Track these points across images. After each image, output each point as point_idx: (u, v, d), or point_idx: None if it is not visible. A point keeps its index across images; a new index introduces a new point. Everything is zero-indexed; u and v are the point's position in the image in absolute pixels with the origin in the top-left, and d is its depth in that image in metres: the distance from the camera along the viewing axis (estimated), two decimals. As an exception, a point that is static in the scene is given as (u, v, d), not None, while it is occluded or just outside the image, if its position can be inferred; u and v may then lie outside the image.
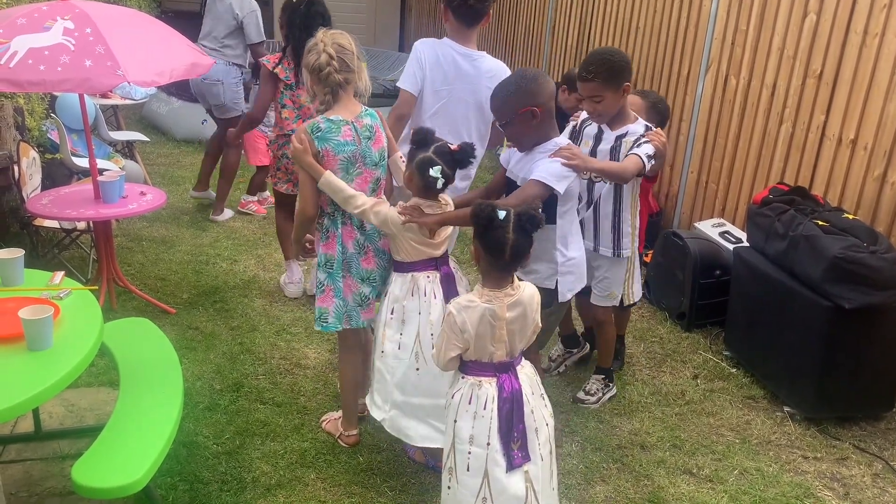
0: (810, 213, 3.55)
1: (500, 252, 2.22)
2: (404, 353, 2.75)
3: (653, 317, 4.45)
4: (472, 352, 2.30)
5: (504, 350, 2.30)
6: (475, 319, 2.25)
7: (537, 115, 2.71)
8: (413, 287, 2.76)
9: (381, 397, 2.83)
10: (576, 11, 6.79)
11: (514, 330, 2.30)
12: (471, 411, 2.29)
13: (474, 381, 2.31)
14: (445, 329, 2.30)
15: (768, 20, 4.41)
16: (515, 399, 2.30)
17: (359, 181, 2.81)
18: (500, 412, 2.28)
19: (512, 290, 2.29)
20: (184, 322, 4.00)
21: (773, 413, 3.55)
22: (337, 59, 2.69)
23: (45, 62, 3.11)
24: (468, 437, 2.30)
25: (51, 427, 3.09)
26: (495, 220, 2.21)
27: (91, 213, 3.79)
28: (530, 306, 2.32)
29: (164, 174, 6.41)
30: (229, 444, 3.07)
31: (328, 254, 2.85)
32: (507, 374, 2.32)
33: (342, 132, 2.75)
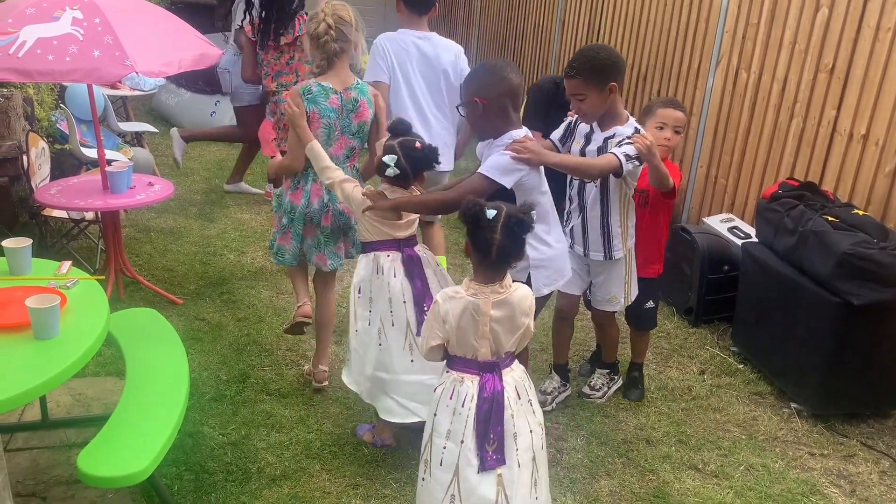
0: (820, 209, 3.52)
1: (486, 251, 2.19)
2: (373, 329, 2.88)
3: (660, 312, 4.40)
4: (455, 345, 2.27)
5: (488, 348, 2.25)
6: (458, 311, 2.22)
7: (479, 107, 2.68)
8: (375, 266, 2.87)
9: (357, 371, 2.98)
10: (586, 5, 6.76)
11: (500, 330, 2.25)
12: (451, 406, 2.26)
13: (457, 377, 2.28)
14: (430, 317, 2.29)
15: (780, 14, 4.37)
16: (496, 400, 2.24)
17: (335, 146, 3.08)
18: (478, 411, 2.24)
19: (500, 289, 2.25)
20: (191, 313, 4.01)
21: (780, 409, 3.53)
22: (335, 28, 2.94)
23: (54, 52, 3.12)
24: (445, 432, 2.27)
25: (58, 416, 3.10)
26: (482, 219, 2.17)
27: (99, 204, 3.80)
28: (520, 308, 2.26)
29: (172, 165, 6.41)
30: (235, 434, 3.07)
31: (293, 203, 3.13)
32: (492, 375, 2.27)
33: (329, 99, 3.02)
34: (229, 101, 7.25)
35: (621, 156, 2.86)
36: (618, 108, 3.00)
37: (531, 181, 2.72)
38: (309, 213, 3.13)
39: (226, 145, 7.06)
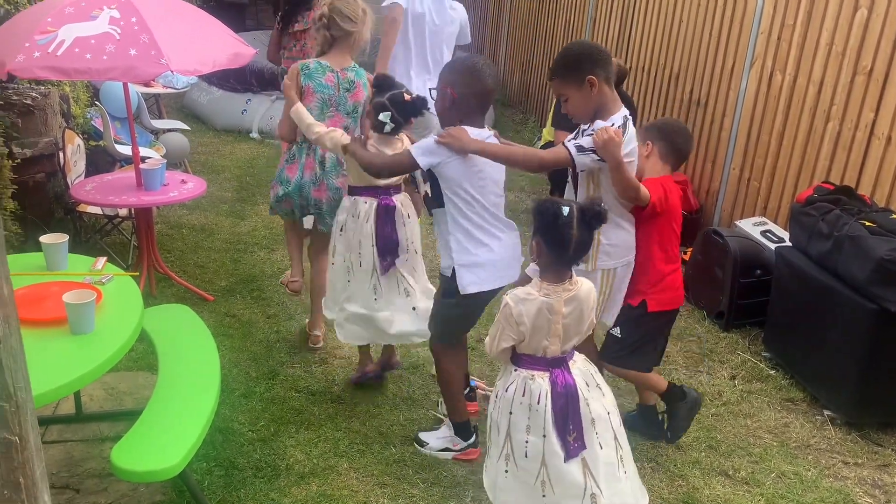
0: (856, 214, 3.46)
1: (563, 248, 2.24)
2: (344, 265, 3.20)
3: (691, 315, 4.39)
4: (527, 345, 2.32)
5: (558, 345, 2.32)
6: (532, 312, 2.27)
7: (448, 97, 2.73)
8: (354, 209, 3.14)
9: (332, 300, 3.31)
10: (617, 4, 6.71)
11: (570, 325, 2.31)
12: (525, 403, 2.32)
13: (527, 375, 2.33)
14: (501, 320, 2.32)
15: (817, 15, 4.31)
16: (570, 394, 2.31)
17: (330, 123, 3.26)
18: (554, 406, 2.30)
19: (570, 285, 2.31)
20: (221, 309, 4.05)
21: (812, 416, 3.48)
22: (329, 17, 3.25)
23: (92, 51, 3.16)
24: (525, 427, 2.33)
25: (91, 409, 3.15)
26: (560, 217, 2.22)
27: (133, 200, 3.85)
28: (586, 303, 2.34)
29: (204, 163, 6.48)
30: (264, 431, 3.10)
31: (288, 175, 3.43)
32: (560, 370, 2.33)
33: (326, 76, 3.29)
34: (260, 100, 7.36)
35: (572, 147, 2.66)
36: (606, 101, 2.73)
37: (452, 171, 2.68)
38: (300, 185, 3.41)
39: (257, 143, 7.12)
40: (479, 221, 2.76)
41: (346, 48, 3.34)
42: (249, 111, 7.42)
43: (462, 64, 2.80)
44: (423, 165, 2.69)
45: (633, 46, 6.41)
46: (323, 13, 3.26)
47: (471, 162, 2.68)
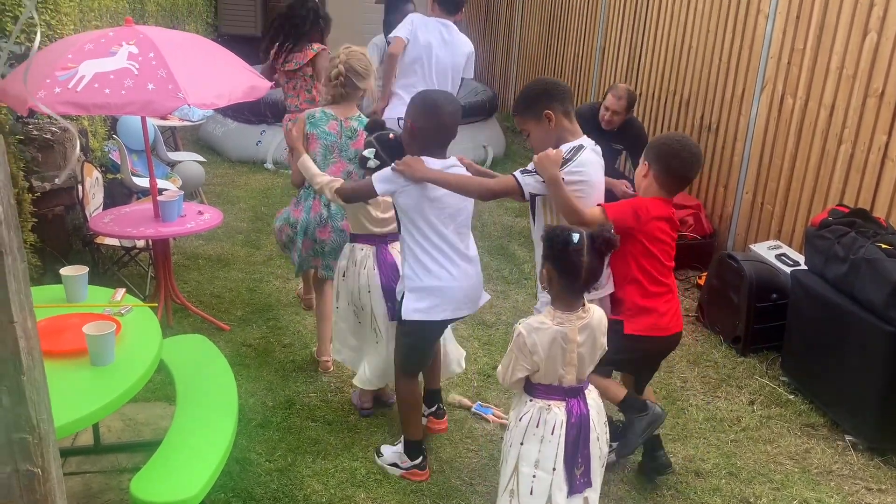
0: (872, 236, 3.45)
1: (574, 275, 2.24)
2: (350, 308, 3.32)
3: (707, 340, 4.37)
4: (542, 375, 2.30)
5: (574, 374, 2.30)
6: (546, 342, 2.25)
7: (407, 129, 2.86)
8: (353, 255, 3.27)
9: (340, 343, 3.43)
10: (626, 34, 6.76)
11: (584, 353, 2.30)
12: (538, 435, 2.29)
13: (543, 405, 2.31)
14: (514, 350, 2.30)
15: (826, 40, 4.33)
16: (583, 424, 2.29)
17: (333, 169, 3.41)
18: (567, 437, 2.27)
19: (583, 313, 2.30)
20: (237, 339, 4.06)
21: (833, 442, 3.44)
22: (345, 76, 3.38)
23: (111, 86, 3.21)
24: (534, 461, 2.30)
25: (109, 440, 3.16)
26: (571, 243, 2.22)
27: (151, 232, 3.89)
28: (599, 329, 2.33)
29: (219, 193, 6.54)
30: (281, 461, 3.09)
31: (295, 217, 3.60)
32: (577, 399, 2.31)
33: (329, 124, 3.44)
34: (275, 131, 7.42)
35: (518, 172, 2.73)
36: (564, 133, 2.77)
37: (407, 199, 2.77)
38: (305, 226, 3.55)
39: (271, 173, 7.19)
40: (432, 251, 2.82)
41: (354, 99, 3.50)
42: (264, 142, 7.50)
43: (422, 99, 2.88)
44: (380, 192, 2.82)
45: (642, 74, 6.45)
46: (339, 72, 3.36)
47: (427, 190, 2.76)
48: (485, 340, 4.20)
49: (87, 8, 5.23)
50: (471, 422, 3.45)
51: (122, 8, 6.22)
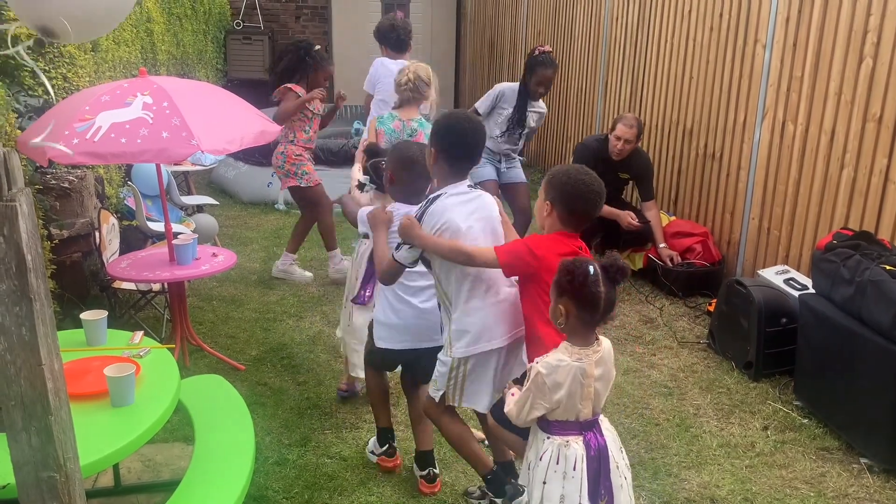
0: (877, 258, 3.49)
1: (594, 307, 2.21)
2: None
3: (719, 367, 4.38)
4: (561, 412, 2.27)
5: (590, 408, 2.28)
6: (567, 379, 2.23)
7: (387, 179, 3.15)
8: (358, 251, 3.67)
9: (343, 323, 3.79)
10: (628, 66, 6.88)
11: (599, 387, 2.28)
12: (559, 472, 2.26)
13: (561, 442, 2.28)
14: (532, 389, 2.26)
15: (823, 67, 4.41)
16: (602, 456, 2.28)
17: None
18: (588, 471, 2.25)
19: (598, 347, 2.29)
20: (253, 378, 4.12)
21: (849, 465, 3.44)
22: (412, 82, 4.20)
23: (126, 135, 3.33)
24: (559, 498, 2.27)
25: (129, 482, 3.20)
26: (589, 276, 2.20)
27: (167, 276, 3.98)
28: (610, 360, 2.33)
29: (232, 235, 6.65)
30: (298, 498, 3.13)
31: None
32: (592, 432, 2.30)
33: (394, 123, 4.23)
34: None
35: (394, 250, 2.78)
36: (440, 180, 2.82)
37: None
38: None
39: (282, 214, 7.30)
40: (405, 283, 3.02)
41: (416, 103, 4.27)
42: (274, 183, 7.62)
43: (397, 151, 3.15)
44: (360, 231, 3.18)
45: (645, 105, 6.55)
46: (409, 79, 4.18)
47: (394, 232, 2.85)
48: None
49: (102, 60, 5.40)
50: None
51: (135, 58, 6.40)
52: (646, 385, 4.15)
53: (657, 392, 4.09)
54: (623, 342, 4.67)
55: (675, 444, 3.60)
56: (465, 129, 2.75)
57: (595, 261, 2.27)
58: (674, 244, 5.44)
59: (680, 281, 5.28)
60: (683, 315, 5.09)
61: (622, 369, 4.21)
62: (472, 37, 11.99)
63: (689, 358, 4.48)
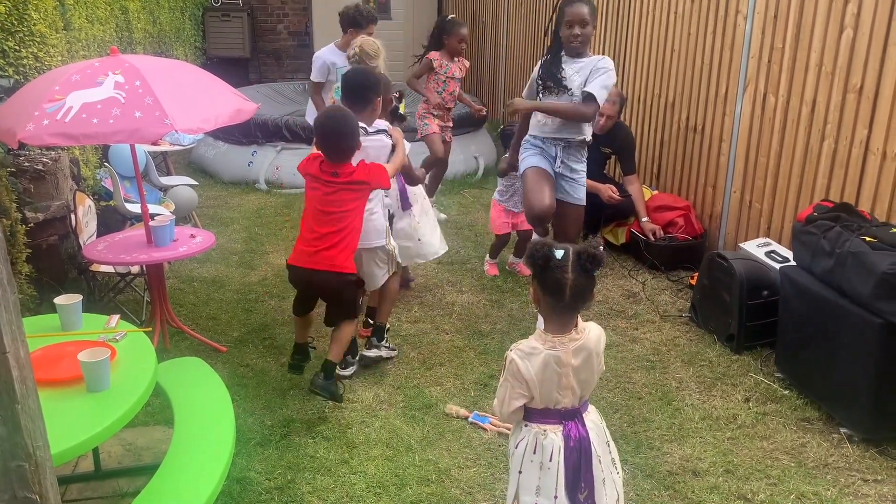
0: (857, 229, 3.49)
1: (559, 293, 2.16)
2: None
3: (701, 340, 4.40)
4: (538, 400, 2.22)
5: (571, 397, 2.23)
6: (539, 366, 2.18)
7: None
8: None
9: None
10: (609, 39, 6.83)
11: (582, 376, 2.22)
12: (536, 461, 2.23)
13: (539, 430, 2.24)
14: (508, 378, 2.23)
15: (804, 37, 4.38)
16: (583, 448, 2.22)
17: None
18: (566, 463, 2.21)
19: (576, 334, 2.22)
20: (235, 360, 4.09)
21: (829, 435, 3.47)
22: (357, 56, 4.54)
23: (98, 115, 3.26)
24: (535, 489, 2.24)
25: (110, 466, 3.18)
26: (552, 259, 2.15)
27: (144, 258, 3.92)
28: (596, 349, 2.25)
29: (212, 216, 6.58)
30: (280, 479, 3.12)
31: None
32: (574, 422, 2.24)
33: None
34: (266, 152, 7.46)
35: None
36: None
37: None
38: None
39: (264, 193, 7.23)
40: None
41: None
42: (255, 163, 7.55)
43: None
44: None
45: (627, 78, 6.51)
46: (354, 52, 4.53)
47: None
48: (480, 350, 4.23)
49: (74, 39, 5.29)
50: (469, 431, 3.48)
51: (110, 37, 6.28)
52: (628, 359, 4.16)
53: (640, 366, 4.10)
54: (606, 317, 4.68)
55: (657, 417, 3.61)
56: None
57: (568, 246, 2.20)
58: (656, 218, 5.43)
59: (662, 255, 5.29)
60: (666, 289, 5.10)
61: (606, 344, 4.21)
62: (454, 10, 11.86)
63: (671, 331, 4.49)
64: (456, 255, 5.63)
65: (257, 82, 10.99)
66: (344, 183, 3.43)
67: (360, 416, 3.58)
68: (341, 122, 3.43)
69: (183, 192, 5.90)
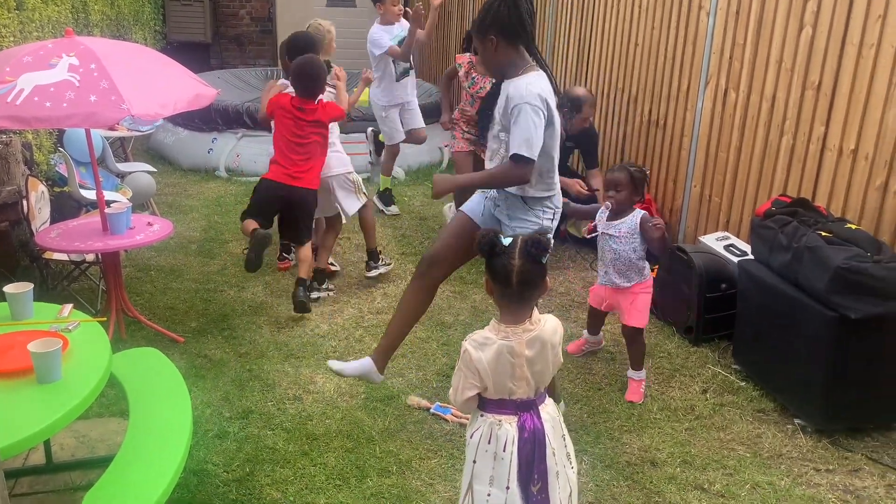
0: (813, 225, 3.55)
1: (505, 280, 2.16)
2: None
3: (660, 332, 4.45)
4: (492, 390, 2.22)
5: (526, 388, 2.22)
6: (491, 357, 2.17)
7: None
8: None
9: None
10: (575, 30, 6.85)
11: (537, 367, 2.21)
12: (490, 451, 2.22)
13: (494, 420, 2.23)
14: (461, 367, 2.22)
15: (765, 34, 4.44)
16: (537, 440, 2.21)
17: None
18: (520, 454, 2.20)
19: (531, 325, 2.21)
20: (193, 350, 4.02)
21: (784, 426, 3.53)
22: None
23: (51, 98, 3.17)
24: (488, 478, 2.23)
25: (62, 458, 3.11)
26: (497, 246, 2.17)
27: (99, 246, 3.83)
28: (551, 341, 2.24)
29: (171, 203, 6.46)
30: (239, 471, 3.08)
31: None
32: (529, 413, 2.23)
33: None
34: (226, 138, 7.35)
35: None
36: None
37: None
38: None
39: (224, 181, 7.12)
40: None
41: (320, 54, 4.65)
42: (215, 150, 7.42)
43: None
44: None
45: (591, 71, 6.53)
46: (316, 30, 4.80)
47: None
48: (443, 341, 4.23)
49: (28, 19, 5.14)
50: (430, 422, 3.47)
51: (65, 18, 6.12)
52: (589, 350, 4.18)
53: (600, 357, 4.13)
54: (567, 308, 4.70)
55: (616, 408, 3.65)
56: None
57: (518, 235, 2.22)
58: (618, 211, 5.46)
59: (624, 247, 5.32)
60: (627, 281, 5.14)
61: (566, 335, 4.23)
62: None
63: (632, 324, 4.53)
64: (420, 247, 5.61)
65: (218, 68, 10.80)
66: (309, 121, 4.36)
67: (321, 407, 3.55)
68: (316, 67, 4.39)
69: (140, 178, 5.78)
